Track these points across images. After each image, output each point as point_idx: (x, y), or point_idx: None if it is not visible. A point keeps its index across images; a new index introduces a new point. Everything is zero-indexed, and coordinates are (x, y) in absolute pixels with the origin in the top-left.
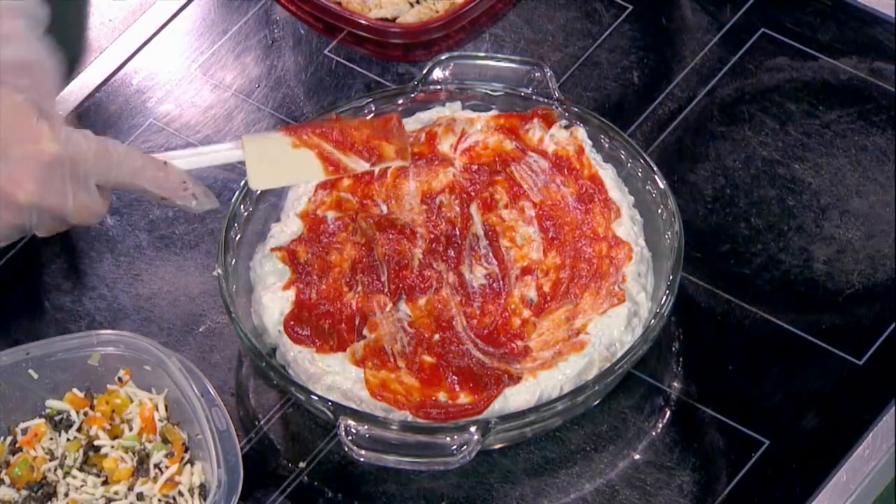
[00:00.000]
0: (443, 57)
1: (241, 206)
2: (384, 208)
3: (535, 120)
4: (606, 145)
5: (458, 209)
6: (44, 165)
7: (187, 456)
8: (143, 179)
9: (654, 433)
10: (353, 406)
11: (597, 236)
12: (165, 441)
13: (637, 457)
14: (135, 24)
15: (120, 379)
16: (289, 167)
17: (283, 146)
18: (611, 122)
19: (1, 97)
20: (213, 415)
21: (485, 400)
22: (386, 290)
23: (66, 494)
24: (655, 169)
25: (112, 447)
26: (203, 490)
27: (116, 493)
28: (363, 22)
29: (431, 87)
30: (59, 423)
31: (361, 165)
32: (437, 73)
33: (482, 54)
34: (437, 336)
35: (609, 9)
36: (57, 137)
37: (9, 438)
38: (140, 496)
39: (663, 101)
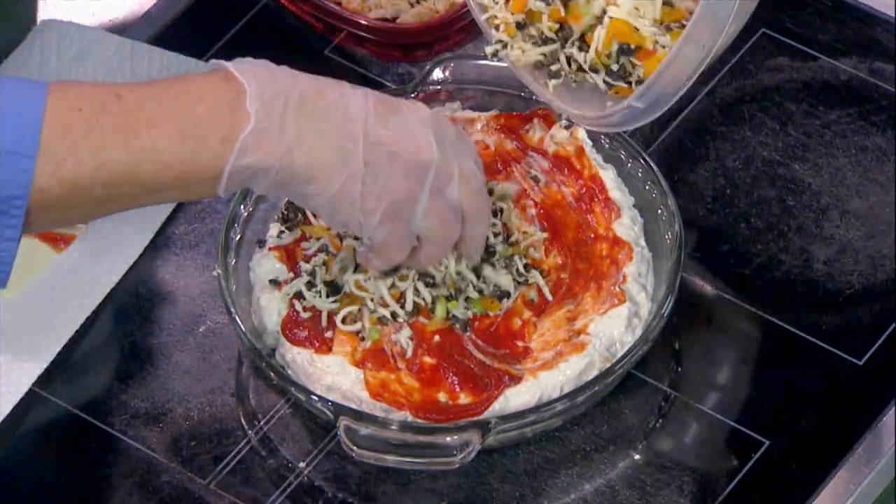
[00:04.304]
0: (443, 57)
1: (241, 207)
2: None
3: (536, 120)
4: (606, 145)
5: None
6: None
7: None
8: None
9: (654, 433)
10: (353, 406)
11: (597, 236)
12: None
13: (637, 457)
14: (134, 24)
15: None
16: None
17: None
18: None
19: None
20: None
21: (485, 400)
22: None
23: None
24: (655, 169)
25: None
26: None
27: None
28: (363, 22)
29: (431, 87)
30: None
31: (77, 228)
32: (437, 74)
33: (482, 54)
34: (437, 336)
35: None
36: None
37: None
38: None
39: None
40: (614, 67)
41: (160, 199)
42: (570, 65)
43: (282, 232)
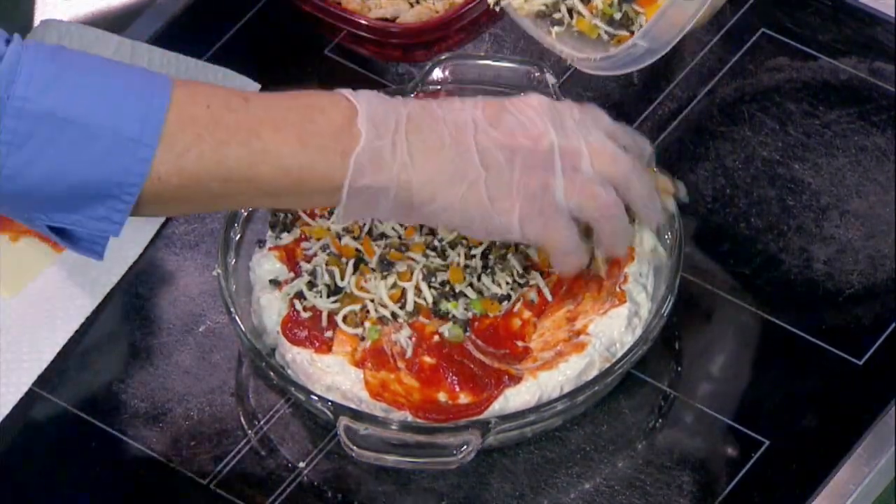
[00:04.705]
0: (443, 57)
1: None
2: None
3: None
4: None
5: None
6: None
7: None
8: None
9: (654, 433)
10: (353, 406)
11: None
12: None
13: (637, 457)
14: (133, 24)
15: None
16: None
17: None
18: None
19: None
20: None
21: (485, 400)
22: None
23: None
24: (656, 169)
25: None
26: None
27: None
28: (363, 22)
29: (431, 87)
30: None
31: None
32: (437, 73)
33: (482, 54)
34: (436, 336)
35: None
36: None
37: None
38: None
39: (663, 101)
40: (617, 16)
41: (278, 204)
42: (571, 16)
43: (281, 232)
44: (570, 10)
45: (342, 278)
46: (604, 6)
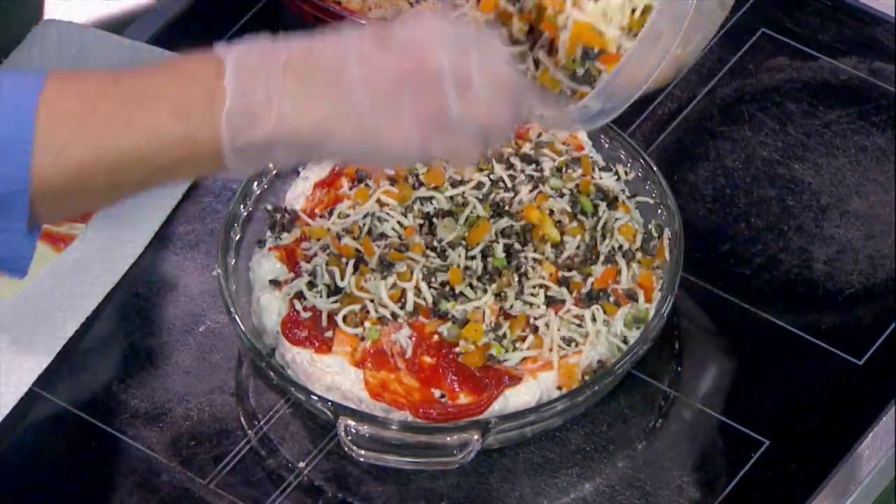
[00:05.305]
0: None
1: (241, 207)
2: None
3: None
4: (606, 145)
5: None
6: None
7: None
8: None
9: (653, 433)
10: (353, 406)
11: None
12: None
13: (637, 457)
14: (133, 24)
15: None
16: None
17: None
18: (611, 122)
19: None
20: None
21: (485, 400)
22: None
23: None
24: (655, 169)
25: None
26: None
27: None
28: (363, 22)
29: None
30: None
31: (76, 228)
32: None
33: None
34: (436, 336)
35: None
36: None
37: None
38: None
39: (663, 101)
40: (580, 72)
41: (171, 178)
42: (537, 67)
43: (281, 232)
44: (536, 62)
45: (342, 278)
46: (566, 61)
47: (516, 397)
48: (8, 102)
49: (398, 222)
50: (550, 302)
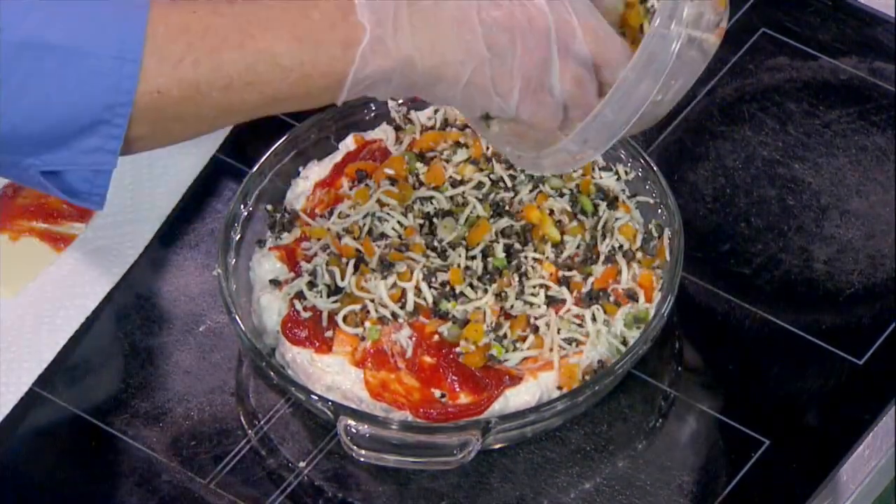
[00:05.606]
0: None
1: (241, 206)
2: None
3: None
4: None
5: None
6: None
7: None
8: None
9: (654, 433)
10: (353, 406)
11: None
12: None
13: (637, 457)
14: None
15: None
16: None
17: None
18: None
19: None
20: None
21: (485, 400)
22: None
23: None
24: (655, 169)
25: None
26: None
27: None
28: None
29: None
30: None
31: (76, 228)
32: None
33: None
34: (436, 336)
35: None
36: None
37: None
38: None
39: None
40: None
41: (282, 108)
42: None
43: (281, 232)
44: None
45: (342, 278)
46: None
47: (516, 397)
48: (118, 14)
49: (398, 222)
50: (551, 302)
